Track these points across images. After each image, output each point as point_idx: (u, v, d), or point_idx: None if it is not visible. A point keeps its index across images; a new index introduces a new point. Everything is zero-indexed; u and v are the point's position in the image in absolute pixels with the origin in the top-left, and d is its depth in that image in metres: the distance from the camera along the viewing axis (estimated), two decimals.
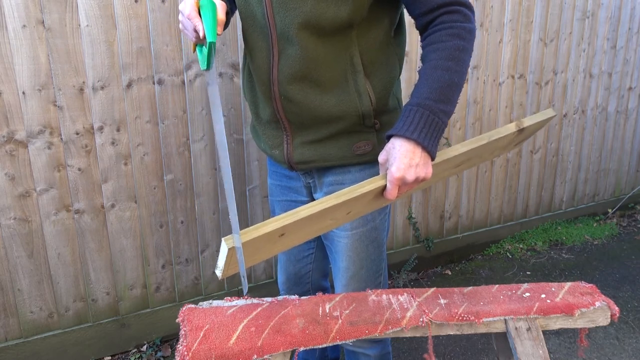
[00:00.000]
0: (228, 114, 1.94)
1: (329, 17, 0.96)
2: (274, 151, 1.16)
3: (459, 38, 0.94)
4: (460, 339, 2.08)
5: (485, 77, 2.56)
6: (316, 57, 1.00)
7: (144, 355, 1.94)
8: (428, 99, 0.91)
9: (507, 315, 0.97)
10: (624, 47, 3.10)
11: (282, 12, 0.98)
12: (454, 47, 0.93)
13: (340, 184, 1.12)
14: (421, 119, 0.90)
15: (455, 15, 0.95)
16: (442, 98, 0.91)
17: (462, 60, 0.94)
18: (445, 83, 0.92)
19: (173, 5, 1.74)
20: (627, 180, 3.48)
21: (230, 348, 0.90)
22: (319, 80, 1.03)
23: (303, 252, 1.35)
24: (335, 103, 1.04)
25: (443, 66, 0.92)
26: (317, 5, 0.95)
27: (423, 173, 0.91)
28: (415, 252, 2.59)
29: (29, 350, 1.77)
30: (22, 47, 1.55)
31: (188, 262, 2.00)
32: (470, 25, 0.96)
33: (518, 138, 1.10)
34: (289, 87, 1.04)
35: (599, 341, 2.04)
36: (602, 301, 1.00)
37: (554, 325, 0.99)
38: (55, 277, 1.76)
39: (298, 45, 0.99)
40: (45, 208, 1.69)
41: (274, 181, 1.31)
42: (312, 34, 0.98)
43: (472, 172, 2.70)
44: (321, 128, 1.07)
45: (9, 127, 1.59)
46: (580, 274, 2.63)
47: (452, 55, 0.93)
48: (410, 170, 0.89)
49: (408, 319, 0.95)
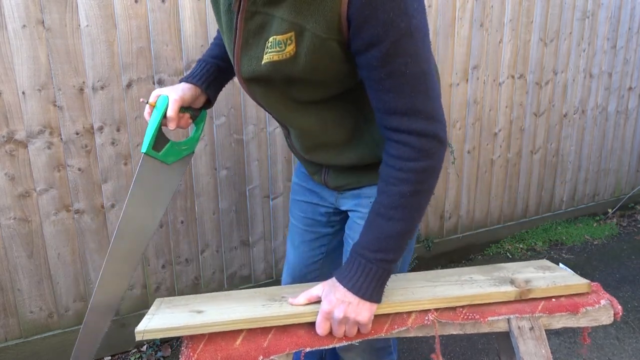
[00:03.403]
0: (228, 114, 1.94)
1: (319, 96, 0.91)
2: (314, 176, 1.17)
3: (407, 183, 0.84)
4: (460, 338, 2.07)
5: (485, 77, 2.56)
6: (321, 127, 0.98)
7: (144, 355, 1.94)
8: (366, 249, 0.88)
9: (512, 314, 0.97)
10: (624, 47, 3.10)
11: (268, 103, 0.97)
12: (401, 194, 0.85)
13: (368, 197, 1.10)
14: (359, 268, 0.88)
15: (409, 151, 0.83)
16: (382, 248, 0.87)
17: (411, 205, 0.86)
18: (387, 234, 0.87)
19: (173, 5, 1.74)
20: (627, 180, 3.48)
21: (236, 349, 0.89)
22: (334, 143, 1.01)
23: (313, 258, 1.32)
24: (356, 156, 1.03)
25: (386, 215, 0.87)
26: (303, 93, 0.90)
27: (354, 314, 0.87)
28: (415, 252, 2.59)
29: (29, 350, 1.77)
30: (22, 47, 1.55)
31: (188, 262, 2.00)
32: (427, 163, 0.83)
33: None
34: (307, 155, 1.07)
35: (599, 341, 2.04)
36: (606, 299, 0.99)
37: (557, 324, 0.99)
38: (55, 277, 1.76)
39: (296, 127, 1.00)
40: (45, 208, 1.69)
41: (299, 181, 1.28)
42: (308, 110, 0.94)
43: (472, 172, 2.70)
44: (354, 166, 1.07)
45: (8, 127, 1.59)
46: (580, 274, 2.61)
47: (398, 203, 0.85)
48: (340, 306, 0.87)
49: (414, 318, 0.95)
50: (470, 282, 1.02)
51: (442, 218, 2.67)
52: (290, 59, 0.82)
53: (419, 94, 0.81)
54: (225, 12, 0.90)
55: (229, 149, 1.97)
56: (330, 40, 0.78)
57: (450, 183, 2.63)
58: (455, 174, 2.63)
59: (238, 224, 2.08)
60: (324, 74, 0.85)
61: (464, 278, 1.04)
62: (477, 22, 2.45)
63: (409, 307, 0.94)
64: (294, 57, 0.81)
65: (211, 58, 1.12)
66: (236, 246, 2.10)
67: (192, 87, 1.05)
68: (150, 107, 1.02)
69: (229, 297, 1.00)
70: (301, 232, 1.29)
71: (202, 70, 1.08)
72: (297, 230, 1.30)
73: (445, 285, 1.01)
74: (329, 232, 1.26)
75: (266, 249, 2.17)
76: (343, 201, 1.16)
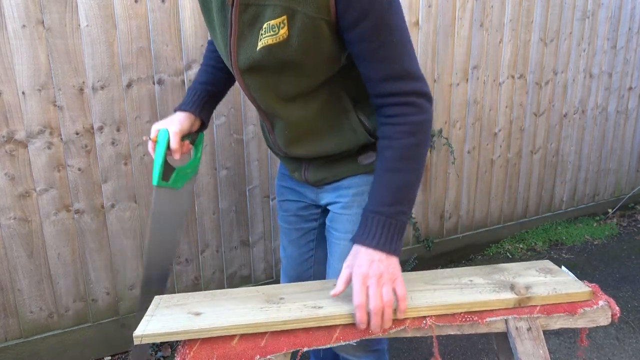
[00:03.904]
0: (228, 113, 1.94)
1: (307, 85, 0.98)
2: (294, 173, 1.22)
3: (411, 135, 0.93)
4: (460, 339, 2.07)
5: (485, 77, 2.56)
6: (306, 117, 1.03)
7: None
8: (381, 205, 0.93)
9: (510, 315, 0.97)
10: (624, 47, 3.10)
11: (261, 96, 1.02)
12: (406, 146, 0.93)
13: (347, 187, 1.15)
14: (378, 225, 0.92)
15: (407, 108, 0.93)
16: (397, 200, 0.93)
17: (415, 156, 0.94)
18: (398, 186, 0.93)
19: (173, 5, 1.74)
20: (627, 180, 3.48)
21: (232, 348, 0.89)
22: (315, 133, 1.07)
23: (303, 256, 1.35)
24: (335, 145, 1.08)
25: (395, 168, 0.93)
26: (294, 81, 0.97)
27: (388, 271, 0.90)
28: (415, 252, 2.59)
29: (29, 350, 1.77)
30: (22, 47, 1.55)
31: (188, 262, 2.00)
32: (422, 117, 0.93)
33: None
34: (289, 149, 1.11)
35: (599, 341, 2.04)
36: (604, 300, 0.99)
37: (554, 325, 0.99)
38: (55, 277, 1.76)
39: (284, 118, 1.04)
40: (45, 208, 1.69)
41: (280, 182, 1.33)
42: (296, 101, 1.01)
43: (472, 172, 2.70)
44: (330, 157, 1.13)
45: (8, 127, 1.59)
46: (581, 274, 2.63)
47: (404, 154, 0.93)
48: (373, 265, 0.90)
49: (411, 319, 0.95)
50: (470, 286, 1.01)
51: (442, 218, 2.67)
52: (283, 42, 0.89)
53: (407, 57, 0.92)
54: (219, 9, 0.96)
55: (229, 149, 1.98)
56: (319, 20, 0.86)
57: (450, 183, 2.63)
58: (455, 174, 2.63)
59: (238, 224, 2.08)
60: (314, 57, 0.92)
61: (463, 281, 1.04)
62: (477, 22, 2.45)
63: (406, 314, 0.94)
64: (287, 40, 0.89)
65: (200, 84, 1.21)
66: (236, 246, 2.10)
67: (187, 114, 1.14)
68: (152, 142, 1.09)
69: (228, 296, 1.01)
70: (288, 232, 1.33)
71: (194, 97, 1.17)
72: (285, 232, 1.34)
73: (444, 289, 1.00)
74: (313, 226, 1.30)
75: (266, 249, 2.17)
76: (322, 195, 1.20)
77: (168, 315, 0.94)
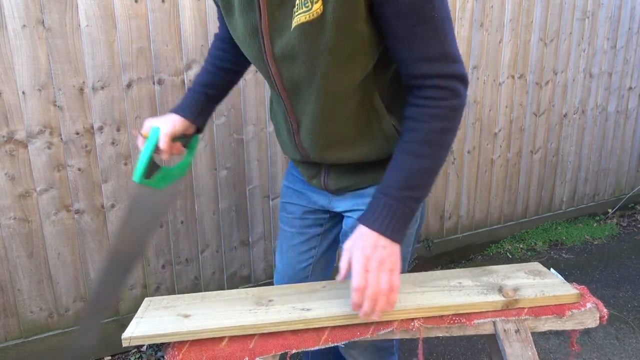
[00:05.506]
0: (228, 114, 1.94)
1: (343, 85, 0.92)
2: (312, 180, 1.15)
3: (440, 120, 0.87)
4: (460, 339, 2.08)
5: (485, 77, 2.56)
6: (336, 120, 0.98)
7: (143, 355, 1.94)
8: (393, 187, 0.88)
9: (498, 317, 0.97)
10: (624, 47, 3.10)
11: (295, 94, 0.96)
12: (433, 130, 0.88)
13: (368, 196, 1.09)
14: (385, 208, 0.88)
15: (443, 92, 0.86)
16: (410, 185, 0.88)
17: (440, 142, 0.89)
18: (415, 170, 0.88)
19: (173, 5, 1.74)
20: (627, 180, 3.48)
21: (221, 349, 0.89)
22: (346, 140, 1.01)
23: (302, 263, 1.29)
24: (367, 153, 1.03)
25: (415, 151, 0.88)
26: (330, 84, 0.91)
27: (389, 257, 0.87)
28: (415, 252, 2.59)
29: (29, 350, 1.77)
30: (22, 47, 1.55)
31: (188, 262, 2.00)
32: (457, 101, 0.88)
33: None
34: (317, 153, 1.05)
35: (599, 341, 2.04)
36: (592, 302, 1.00)
37: (543, 327, 0.99)
38: (55, 277, 1.76)
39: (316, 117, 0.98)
40: (45, 208, 1.69)
41: (288, 183, 1.27)
42: (329, 104, 0.95)
43: (472, 172, 2.70)
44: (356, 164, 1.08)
45: (8, 127, 1.59)
46: (580, 274, 2.63)
47: (428, 139, 0.88)
48: (375, 250, 0.87)
49: (399, 321, 0.95)
50: (459, 288, 1.02)
51: (442, 218, 2.67)
52: (317, 20, 0.82)
53: (447, 37, 0.84)
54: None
55: (229, 149, 1.98)
56: None
57: (450, 183, 2.63)
58: (455, 174, 2.63)
59: (238, 224, 2.08)
60: (347, 38, 0.85)
61: (452, 283, 1.04)
62: (477, 22, 2.45)
63: (394, 316, 0.93)
64: (322, 17, 0.82)
65: (200, 87, 1.16)
66: (236, 246, 2.10)
67: (182, 119, 1.10)
68: (142, 137, 1.06)
69: (218, 298, 1.01)
70: (289, 236, 1.27)
71: (192, 102, 1.13)
72: (286, 235, 1.28)
73: (432, 291, 1.00)
74: (318, 232, 1.25)
75: (266, 249, 2.17)
76: (339, 202, 1.15)
77: (157, 317, 0.94)
